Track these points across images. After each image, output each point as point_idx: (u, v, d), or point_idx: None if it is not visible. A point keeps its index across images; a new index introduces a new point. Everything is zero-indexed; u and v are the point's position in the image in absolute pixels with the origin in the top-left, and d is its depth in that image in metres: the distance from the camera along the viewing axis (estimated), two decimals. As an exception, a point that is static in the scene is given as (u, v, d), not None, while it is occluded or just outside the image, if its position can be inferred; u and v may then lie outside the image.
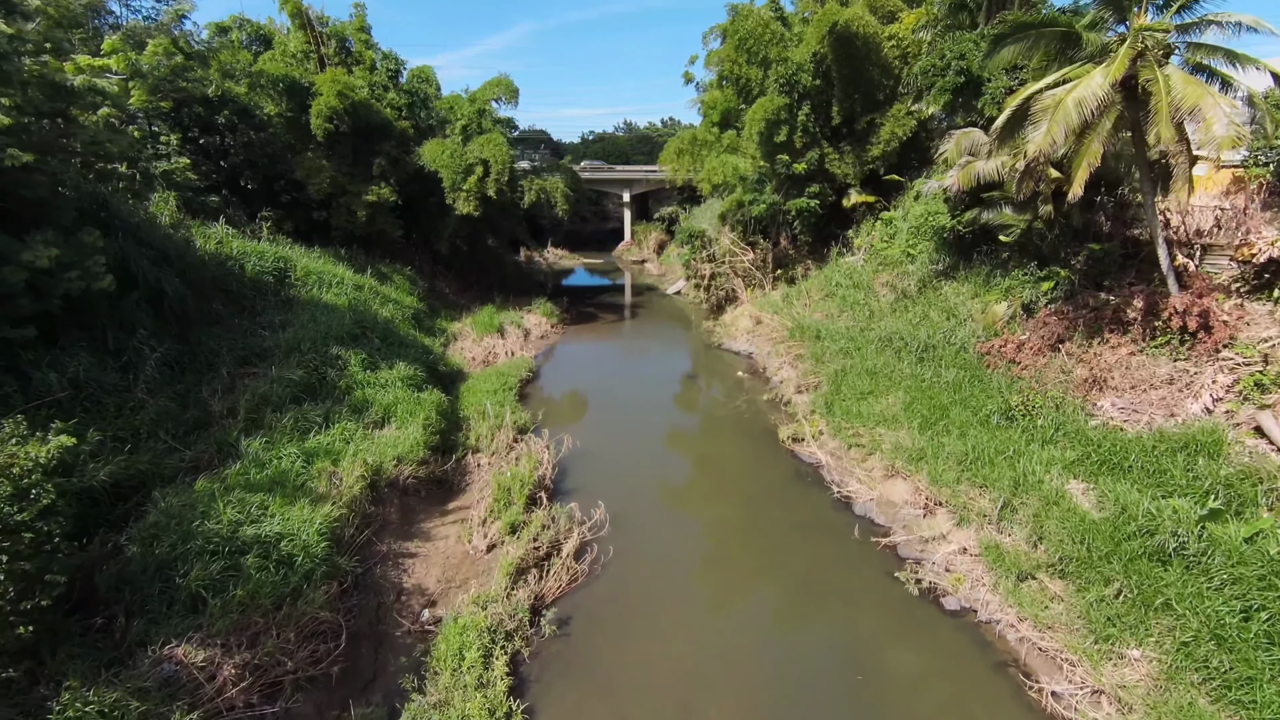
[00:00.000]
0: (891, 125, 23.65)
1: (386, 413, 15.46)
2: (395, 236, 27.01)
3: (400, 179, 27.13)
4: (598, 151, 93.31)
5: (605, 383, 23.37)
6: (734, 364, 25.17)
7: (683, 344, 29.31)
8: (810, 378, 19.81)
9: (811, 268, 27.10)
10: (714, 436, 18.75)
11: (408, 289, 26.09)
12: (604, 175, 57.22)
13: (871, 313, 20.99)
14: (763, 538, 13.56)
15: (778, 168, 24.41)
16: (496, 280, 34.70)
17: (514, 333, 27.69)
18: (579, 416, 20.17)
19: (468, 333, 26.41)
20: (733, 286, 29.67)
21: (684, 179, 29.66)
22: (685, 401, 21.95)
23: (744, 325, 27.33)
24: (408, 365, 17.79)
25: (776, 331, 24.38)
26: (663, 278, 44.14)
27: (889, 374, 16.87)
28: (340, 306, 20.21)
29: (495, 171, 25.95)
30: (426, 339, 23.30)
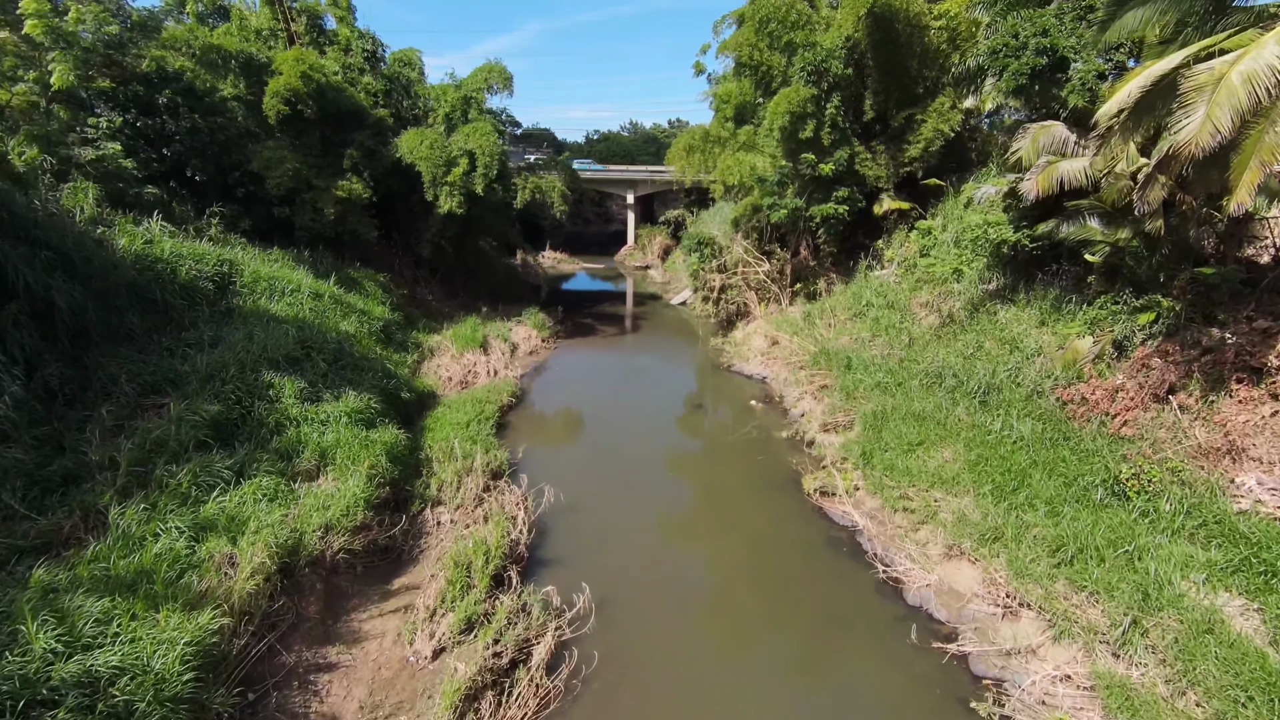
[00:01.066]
0: (934, 121, 20.66)
1: (323, 458, 12.48)
2: (370, 237, 24.01)
3: (376, 173, 24.19)
4: (602, 151, 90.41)
5: (599, 410, 20.37)
6: (746, 390, 22.16)
7: (688, 363, 26.30)
8: (840, 415, 16.79)
9: (835, 282, 24.08)
10: (725, 485, 15.73)
11: (380, 297, 23.12)
12: (607, 175, 54.29)
13: (911, 339, 17.95)
14: (790, 636, 10.56)
15: (801, 168, 21.43)
16: (486, 286, 31.73)
17: (499, 348, 24.70)
18: (566, 455, 17.16)
19: (446, 347, 23.43)
20: (745, 300, 26.67)
21: (694, 179, 26.67)
22: (690, 436, 18.93)
23: (757, 345, 24.32)
24: (360, 394, 14.80)
25: (796, 355, 21.37)
26: (667, 285, 41.16)
27: (942, 420, 13.84)
28: (291, 319, 17.26)
29: (482, 165, 23.00)
30: (395, 356, 20.32)
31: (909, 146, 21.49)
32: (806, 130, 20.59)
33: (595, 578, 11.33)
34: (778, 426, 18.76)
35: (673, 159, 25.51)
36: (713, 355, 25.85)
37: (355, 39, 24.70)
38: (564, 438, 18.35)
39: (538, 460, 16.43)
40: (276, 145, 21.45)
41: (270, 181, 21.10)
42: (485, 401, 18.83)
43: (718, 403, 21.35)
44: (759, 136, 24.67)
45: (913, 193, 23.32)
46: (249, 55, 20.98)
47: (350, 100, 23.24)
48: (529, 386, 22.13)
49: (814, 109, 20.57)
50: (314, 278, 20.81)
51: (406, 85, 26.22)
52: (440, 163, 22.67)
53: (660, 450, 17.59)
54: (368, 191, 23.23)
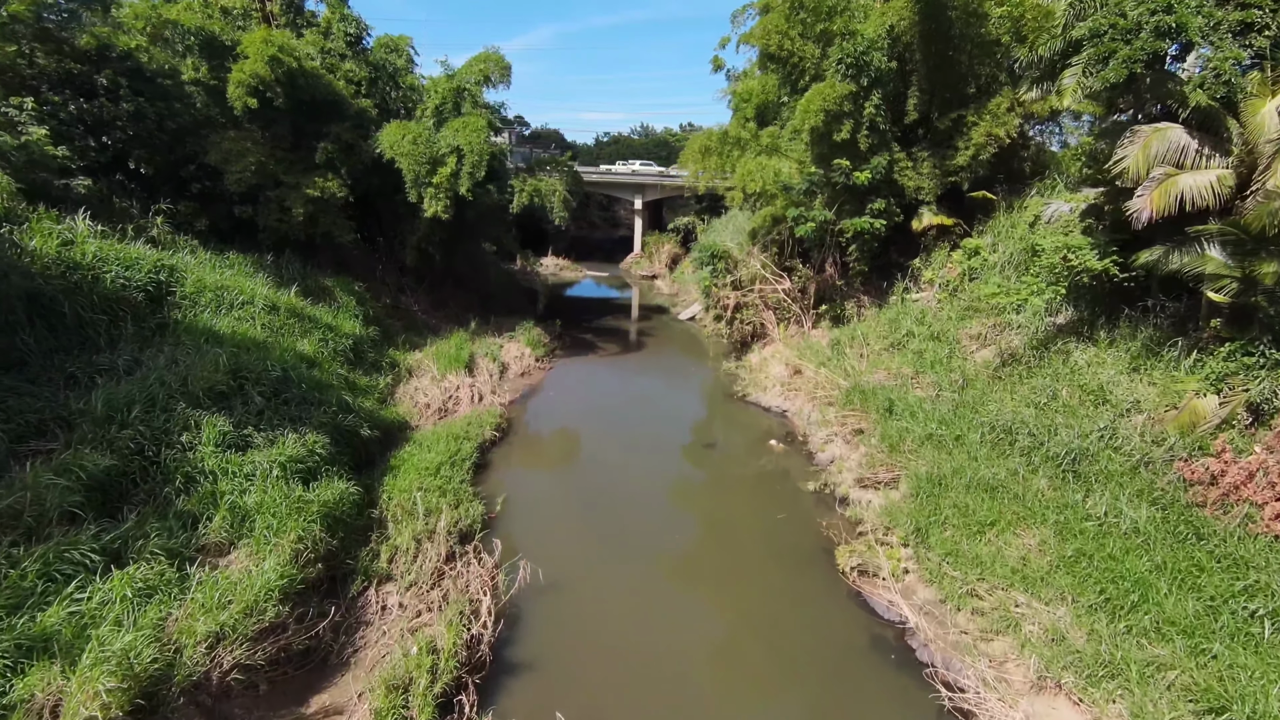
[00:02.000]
0: (987, 124, 17.98)
1: (240, 526, 9.88)
2: (346, 241, 21.49)
3: (355, 170, 21.67)
4: (611, 154, 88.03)
5: (594, 447, 17.71)
6: (763, 425, 19.47)
7: (697, 390, 23.63)
8: (881, 469, 14.08)
9: (866, 305, 21.37)
10: (742, 554, 13.03)
11: (353, 309, 20.54)
12: (613, 178, 51.77)
13: (965, 379, 15.22)
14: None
15: (833, 175, 18.79)
16: (478, 296, 29.16)
17: (487, 368, 22.09)
18: (552, 507, 14.49)
19: (427, 367, 20.85)
20: (761, 320, 23.99)
21: (709, 184, 24.02)
22: (700, 485, 16.23)
23: (776, 373, 21.62)
24: (303, 436, 12.20)
25: (823, 389, 18.67)
26: (675, 298, 38.52)
27: (1019, 493, 11.12)
28: (237, 338, 14.71)
29: (469, 163, 20.43)
30: (364, 381, 17.73)
31: (956, 153, 18.81)
32: (841, 132, 17.94)
33: (574, 699, 8.68)
34: (802, 474, 16.08)
35: (686, 162, 22.88)
36: (725, 381, 23.15)
37: (336, 21, 22.20)
38: (552, 484, 15.68)
39: (518, 515, 13.79)
40: (238, 136, 18.94)
41: (229, 176, 18.60)
42: (463, 437, 16.21)
43: (731, 440, 18.65)
44: (783, 139, 22.04)
45: (956, 207, 20.63)
46: (209, 34, 18.48)
47: (327, 88, 20.75)
48: (517, 416, 19.48)
49: (851, 108, 17.92)
50: (274, 287, 18.26)
51: (393, 74, 23.73)
52: (424, 161, 20.12)
53: (663, 503, 14.90)
54: (344, 190, 20.70)
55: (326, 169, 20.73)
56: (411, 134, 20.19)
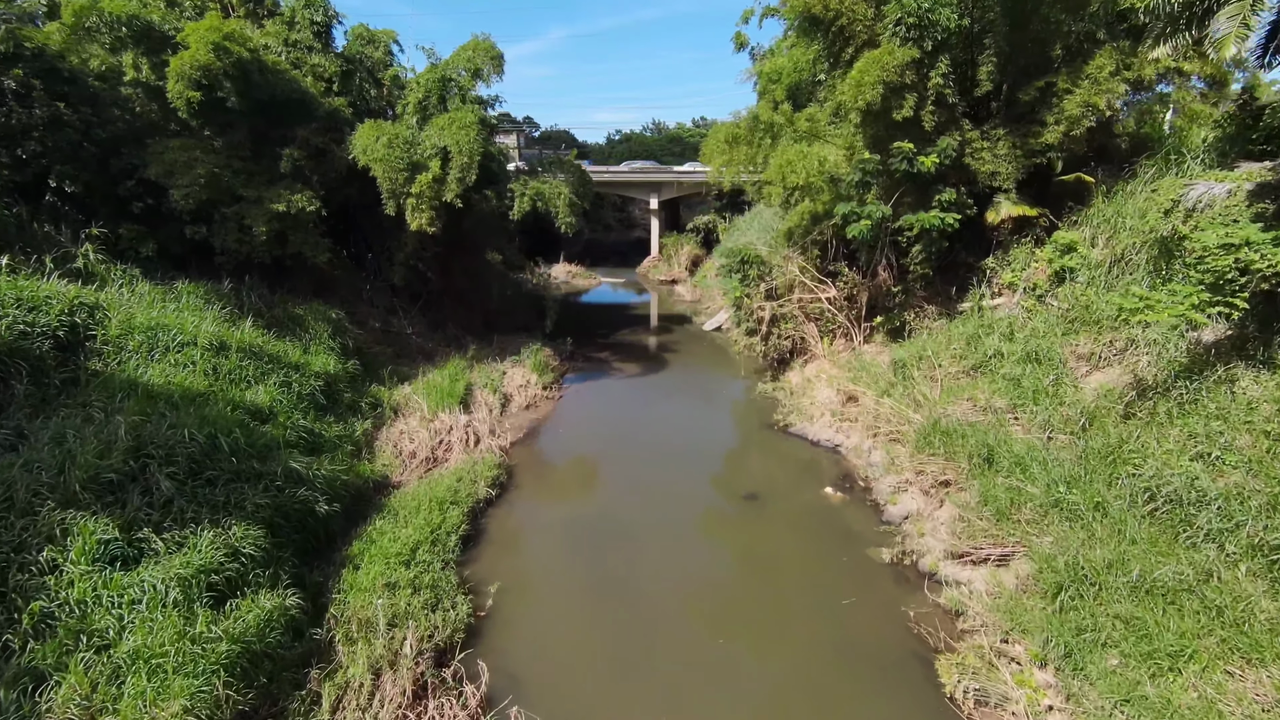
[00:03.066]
0: (1085, 92, 14.50)
1: (107, 690, 6.94)
2: (321, 261, 18.65)
3: (329, 178, 18.84)
4: (624, 153, 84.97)
5: (609, 506, 14.57)
6: (812, 465, 16.23)
7: (730, 418, 20.39)
8: (986, 542, 10.77)
9: (929, 315, 17.94)
10: (803, 664, 9.79)
11: (327, 341, 17.66)
12: (626, 177, 48.65)
13: (1088, 417, 11.78)
14: None
15: (892, 162, 15.45)
16: (480, 314, 26.22)
17: (486, 403, 19.11)
18: (555, 599, 11.36)
19: (416, 404, 17.92)
20: (802, 334, 20.68)
21: (735, 179, 20.77)
22: (742, 555, 12.97)
23: (824, 398, 18.30)
24: (225, 531, 9.27)
25: (888, 422, 15.33)
26: (697, 305, 35.28)
27: (1223, 608, 7.74)
28: (171, 391, 11.89)
29: (457, 166, 17.46)
30: (335, 430, 14.82)
31: (1043, 130, 15.35)
32: (903, 108, 14.62)
33: None
34: (870, 534, 12.85)
35: (709, 155, 19.64)
36: (762, 406, 19.88)
37: (301, 8, 19.33)
38: (557, 562, 12.54)
39: (514, 613, 10.74)
40: (185, 144, 16.17)
41: (176, 191, 15.82)
42: (450, 500, 13.24)
43: (775, 487, 15.38)
44: (819, 120, 18.67)
45: (1038, 194, 17.15)
46: (145, 24, 15.71)
47: (291, 85, 17.91)
48: (520, 462, 16.44)
49: (913, 78, 14.58)
50: (227, 322, 15.44)
51: (370, 69, 20.84)
52: (402, 166, 17.17)
53: (698, 586, 11.70)
54: (315, 203, 17.82)
55: (294, 179, 17.89)
56: (386, 135, 17.25)
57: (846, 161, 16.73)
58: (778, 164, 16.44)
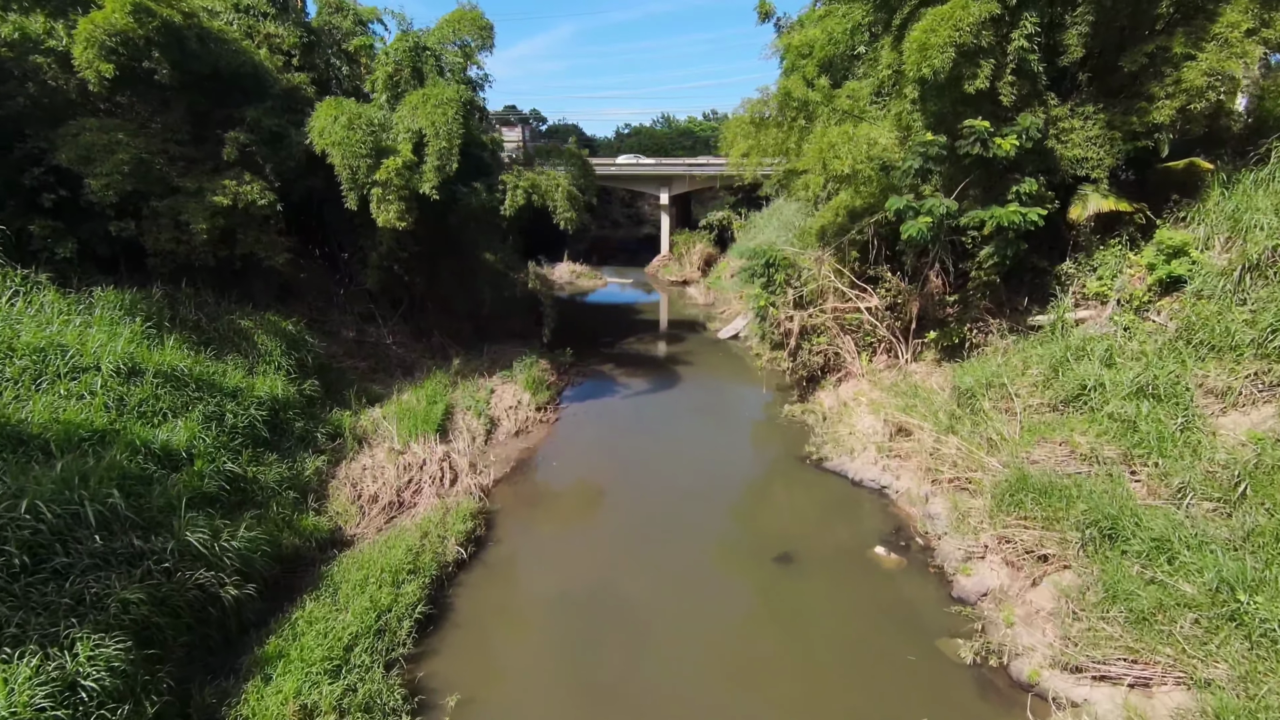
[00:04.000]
0: (1212, 58, 11.52)
1: None
2: (279, 263, 15.99)
3: (286, 167, 16.15)
4: (633, 146, 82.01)
5: (607, 570, 11.76)
6: (855, 511, 13.44)
7: (753, 449, 17.53)
8: (1118, 652, 7.91)
9: (995, 329, 15.01)
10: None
11: (278, 358, 14.97)
12: (635, 170, 45.77)
13: (1244, 479, 8.83)
14: None
15: (962, 145, 12.53)
16: (470, 321, 23.52)
17: (468, 428, 16.42)
18: (533, 716, 8.60)
19: (386, 432, 15.27)
20: (837, 349, 17.80)
21: (759, 169, 17.88)
22: (773, 644, 10.12)
23: (865, 426, 15.45)
24: (64, 651, 6.59)
25: (953, 465, 12.45)
26: (711, 309, 32.41)
27: None
28: (65, 428, 9.27)
29: (435, 151, 14.72)
30: (272, 473, 12.10)
31: (1150, 107, 12.37)
32: (978, 77, 11.71)
33: None
34: (939, 618, 10.04)
35: (730, 141, 16.68)
36: (789, 432, 17.06)
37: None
38: (539, 657, 9.74)
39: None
40: (105, 124, 13.52)
41: (94, 181, 13.16)
42: (409, 568, 10.54)
43: (813, 543, 12.52)
44: (862, 98, 15.72)
45: (1134, 186, 14.21)
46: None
47: (240, 57, 15.22)
48: (502, 507, 13.71)
49: (991, 40, 11.65)
50: (150, 338, 12.78)
51: (338, 40, 18.08)
52: (364, 151, 14.42)
53: (718, 697, 8.90)
54: (268, 196, 15.14)
55: (244, 168, 15.22)
56: (347, 114, 14.48)
57: (899, 145, 13.79)
58: (817, 148, 13.51)
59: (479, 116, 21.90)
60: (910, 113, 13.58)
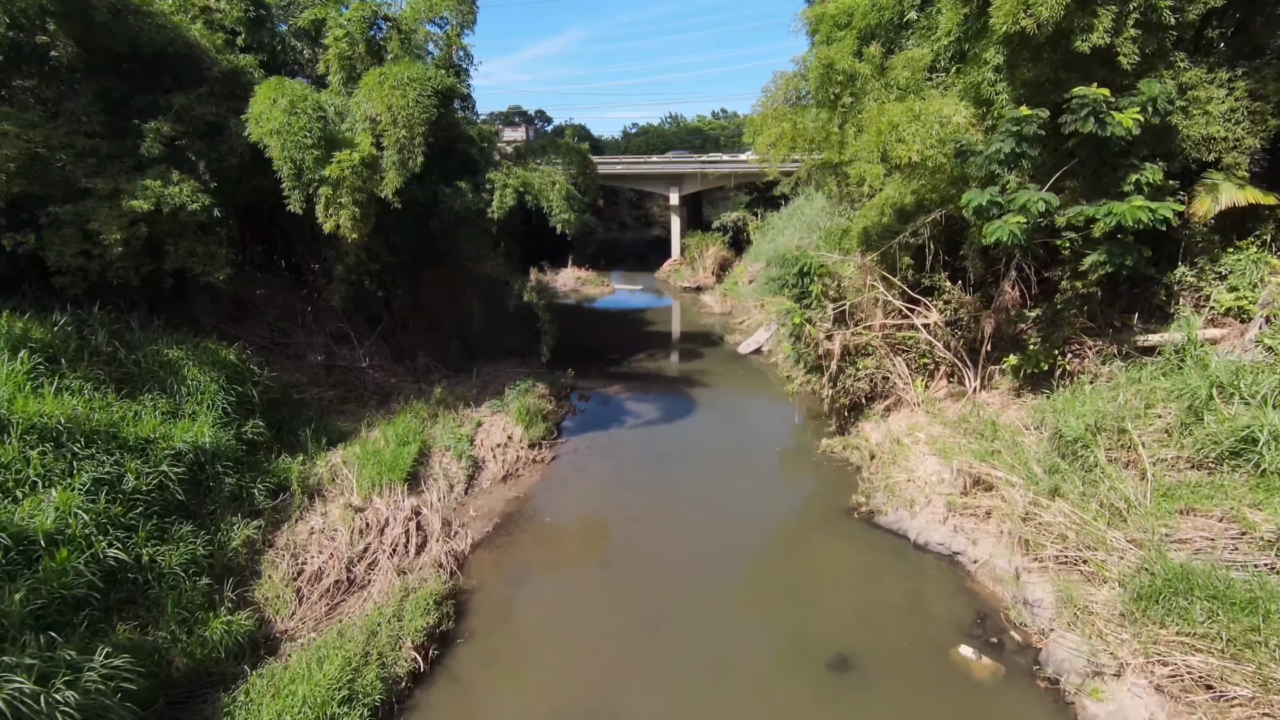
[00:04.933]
0: None
1: None
2: (219, 279, 13.40)
3: (228, 165, 13.53)
4: (640, 145, 79.33)
5: (607, 685, 9.00)
6: (922, 587, 10.61)
7: (787, 495, 14.65)
8: None
9: (1093, 351, 12.07)
10: None
11: (214, 395, 12.32)
12: (643, 169, 43.03)
13: None
14: None
15: (1069, 120, 9.66)
16: (459, 339, 20.85)
17: (446, 474, 13.75)
18: None
19: (345, 481, 12.65)
20: (885, 373, 14.94)
21: (787, 162, 15.05)
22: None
23: (928, 473, 12.58)
24: None
25: (1059, 538, 9.55)
26: (728, 318, 29.56)
27: None
28: None
29: (395, 143, 12.00)
30: (176, 555, 9.42)
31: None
32: (1095, 30, 8.85)
33: None
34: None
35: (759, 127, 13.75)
36: (829, 470, 14.24)
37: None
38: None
39: None
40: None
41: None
42: (341, 693, 7.83)
43: (876, 640, 9.67)
44: (919, 66, 12.81)
45: (1266, 176, 11.27)
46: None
47: (166, 33, 12.64)
48: (479, 584, 10.98)
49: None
50: (40, 379, 10.18)
51: (295, 15, 15.42)
52: (310, 141, 11.74)
53: None
54: (203, 199, 12.53)
55: (171, 166, 12.62)
56: (288, 97, 11.80)
57: (976, 124, 10.90)
58: (874, 130, 10.64)
59: (463, 106, 19.27)
60: (993, 83, 10.72)
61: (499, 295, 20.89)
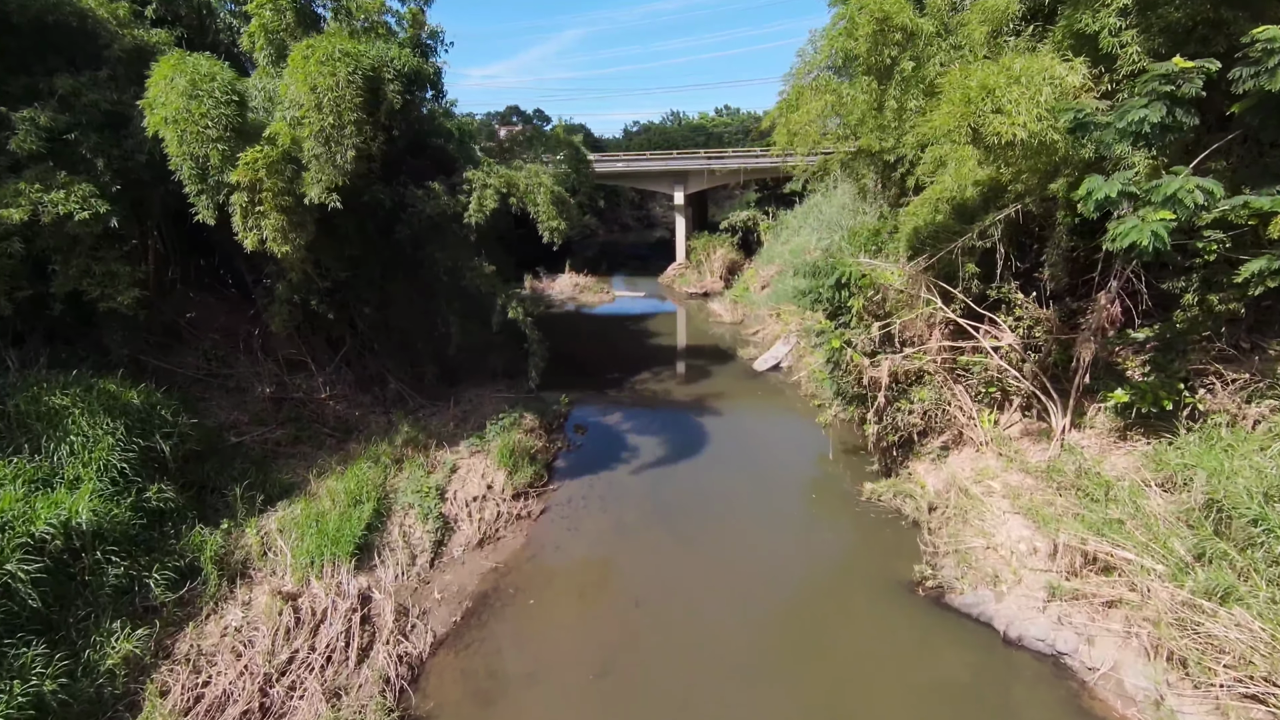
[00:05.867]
0: None
1: None
2: (125, 304, 10.85)
3: (133, 164, 10.95)
4: (642, 143, 76.66)
5: None
6: (1023, 699, 7.92)
7: (826, 560, 11.89)
8: None
9: (1231, 385, 9.35)
10: None
11: (108, 450, 9.72)
12: (644, 166, 40.39)
13: None
14: None
15: (1242, 75, 6.97)
16: (437, 361, 18.22)
17: (407, 540, 11.14)
18: None
19: (279, 557, 10.10)
20: (944, 406, 12.26)
21: (817, 150, 12.39)
22: None
23: (1013, 540, 9.90)
24: None
25: (1244, 662, 6.86)
26: (740, 328, 26.88)
27: None
28: None
29: (317, 133, 9.35)
30: (18, 689, 6.84)
31: None
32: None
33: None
34: None
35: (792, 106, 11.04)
36: (877, 526, 11.58)
37: None
38: None
39: None
40: None
41: None
42: None
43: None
44: (987, 21, 10.12)
45: None
46: None
47: (48, 1, 10.04)
48: (437, 709, 8.33)
49: None
50: None
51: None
52: (216, 133, 9.14)
53: None
54: (97, 205, 9.96)
55: (58, 165, 10.06)
56: (189, 75, 9.18)
57: (1089, 87, 8.16)
58: (959, 99, 7.91)
59: (434, 93, 16.68)
60: (1116, 31, 8.02)
61: (484, 310, 18.21)
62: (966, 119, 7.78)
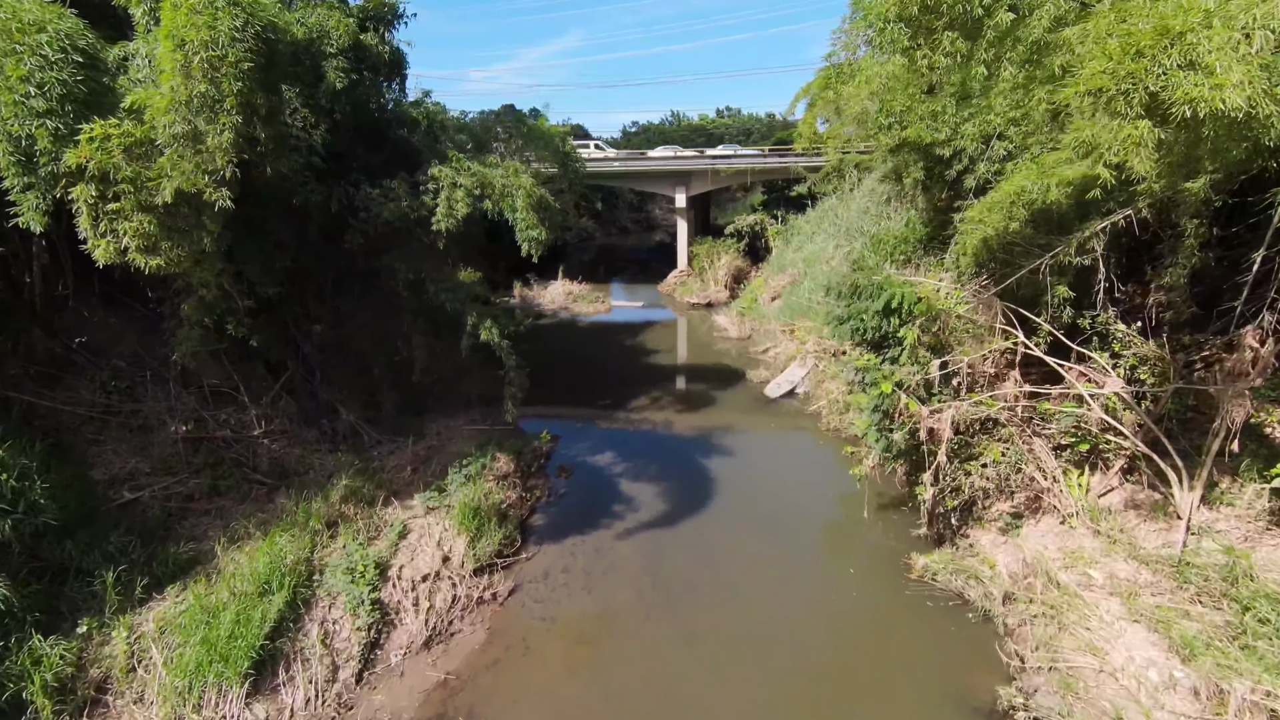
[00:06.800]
0: None
1: None
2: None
3: None
4: (641, 145, 74.15)
5: None
6: None
7: (870, 668, 9.28)
8: None
9: None
10: None
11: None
12: (643, 167, 37.81)
13: None
14: None
15: None
16: (399, 388, 15.62)
17: (330, 641, 8.48)
18: None
19: (151, 673, 7.43)
20: (1020, 465, 9.66)
21: (858, 138, 9.84)
22: None
23: (1134, 660, 7.29)
24: None
25: None
26: (748, 344, 24.28)
27: None
28: None
29: (180, 103, 6.74)
30: None
31: None
32: None
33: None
34: None
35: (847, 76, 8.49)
36: (933, 607, 9.00)
37: None
38: None
39: None
40: None
41: None
42: None
43: None
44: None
45: None
46: None
47: None
48: None
49: None
50: None
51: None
52: (44, 105, 6.54)
53: None
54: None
55: None
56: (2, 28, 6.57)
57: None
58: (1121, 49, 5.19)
59: (397, 78, 14.12)
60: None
61: (458, 328, 15.54)
62: (1135, 78, 5.20)
